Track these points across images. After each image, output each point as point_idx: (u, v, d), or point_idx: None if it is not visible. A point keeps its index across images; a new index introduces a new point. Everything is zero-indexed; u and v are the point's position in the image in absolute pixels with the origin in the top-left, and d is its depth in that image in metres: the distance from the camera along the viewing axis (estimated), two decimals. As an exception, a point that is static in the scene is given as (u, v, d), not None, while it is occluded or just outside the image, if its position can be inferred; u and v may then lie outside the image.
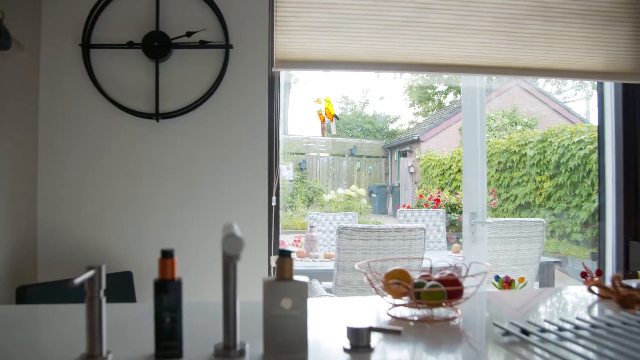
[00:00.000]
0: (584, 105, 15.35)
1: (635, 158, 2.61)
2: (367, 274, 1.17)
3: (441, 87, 19.31)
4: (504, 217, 9.06)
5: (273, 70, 2.36)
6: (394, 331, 0.95)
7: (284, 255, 0.88)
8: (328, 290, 3.57)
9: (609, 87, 2.70)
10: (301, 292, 0.87)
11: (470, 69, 2.48)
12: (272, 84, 2.39)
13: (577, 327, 1.01)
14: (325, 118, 5.26)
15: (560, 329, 1.00)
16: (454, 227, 8.29)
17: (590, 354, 0.87)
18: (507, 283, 2.33)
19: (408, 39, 2.42)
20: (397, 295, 1.15)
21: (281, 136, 2.44)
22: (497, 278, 2.35)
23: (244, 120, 2.36)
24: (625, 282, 1.36)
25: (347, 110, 20.76)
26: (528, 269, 3.64)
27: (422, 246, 3.15)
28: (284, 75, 2.50)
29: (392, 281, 1.12)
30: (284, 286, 0.87)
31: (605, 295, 1.32)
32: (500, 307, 1.36)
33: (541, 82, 14.08)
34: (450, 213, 8.43)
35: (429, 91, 19.93)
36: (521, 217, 8.66)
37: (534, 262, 3.66)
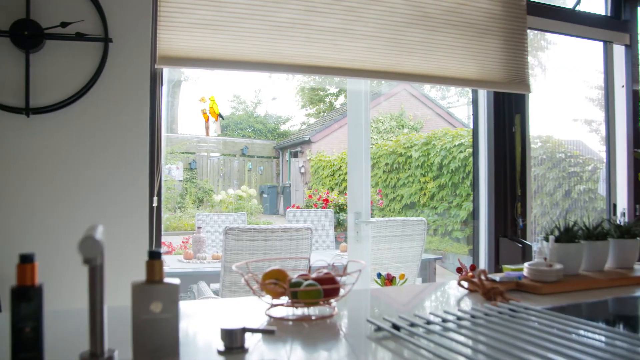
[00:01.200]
0: (466, 111, 16.28)
1: (505, 160, 2.81)
2: (244, 274, 1.16)
3: (332, 90, 19.71)
4: (391, 216, 9.41)
5: (156, 66, 2.28)
6: (268, 331, 0.95)
7: (153, 257, 0.85)
8: (216, 293, 3.52)
9: (482, 94, 2.88)
10: (172, 295, 0.84)
11: (355, 73, 2.54)
12: (155, 80, 2.32)
13: (444, 320, 1.07)
14: (210, 117, 5.19)
15: (428, 322, 1.05)
16: (342, 227, 8.48)
17: (454, 345, 0.92)
18: (388, 280, 2.41)
19: (296, 40, 2.43)
20: (275, 295, 1.15)
21: (169, 135, 2.36)
22: (379, 275, 2.43)
23: (123, 117, 2.26)
24: (491, 275, 1.46)
25: (239, 110, 20.61)
26: (410, 266, 3.80)
27: (308, 246, 3.20)
28: (171, 72, 2.43)
29: (269, 281, 1.12)
30: (154, 289, 0.84)
31: (473, 288, 1.40)
32: (379, 303, 1.41)
33: (427, 87, 14.77)
34: (338, 213, 8.61)
35: (321, 93, 20.26)
36: (407, 216, 9.02)
37: (416, 259, 3.83)
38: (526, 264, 1.47)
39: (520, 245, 2.65)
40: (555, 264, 1.45)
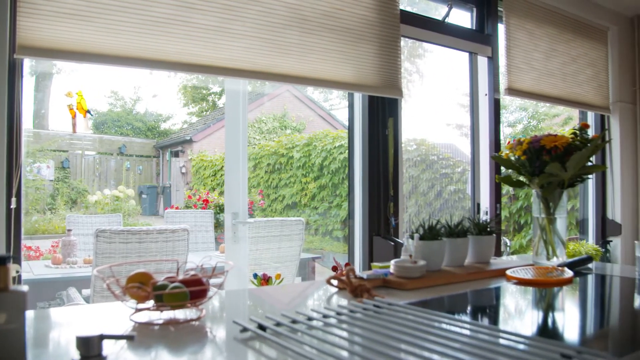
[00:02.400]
0: (347, 113, 16.68)
1: (379, 162, 2.92)
2: (104, 279, 1.11)
3: (216, 88, 19.42)
4: (273, 216, 9.44)
5: (15, 56, 2.12)
6: (127, 337, 0.91)
7: (-3, 262, 0.79)
8: (87, 299, 3.34)
9: (358, 97, 2.97)
10: (18, 304, 0.79)
11: (234, 72, 2.52)
12: (14, 71, 2.15)
13: (309, 319, 1.08)
14: (77, 113, 4.92)
15: (294, 321, 1.06)
16: (222, 228, 8.37)
17: (318, 344, 0.93)
18: (265, 280, 2.42)
19: (175, 37, 2.36)
20: (140, 299, 1.11)
21: (39, 131, 2.20)
22: (255, 276, 2.43)
23: (-24, 111, 2.07)
24: (360, 273, 1.51)
25: (117, 106, 19.70)
26: (289, 265, 3.83)
27: (185, 247, 3.12)
28: (40, 64, 2.25)
29: (131, 285, 1.08)
30: (-3, 297, 0.78)
31: (342, 286, 1.44)
32: (250, 303, 1.40)
33: (310, 89, 15.00)
34: (219, 214, 8.51)
35: (204, 91, 19.90)
36: (289, 216, 9.10)
37: (295, 258, 3.87)
38: (392, 262, 1.53)
39: (392, 243, 2.77)
40: (419, 260, 1.53)
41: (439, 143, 5.11)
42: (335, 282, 1.45)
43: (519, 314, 1.30)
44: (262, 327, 1.02)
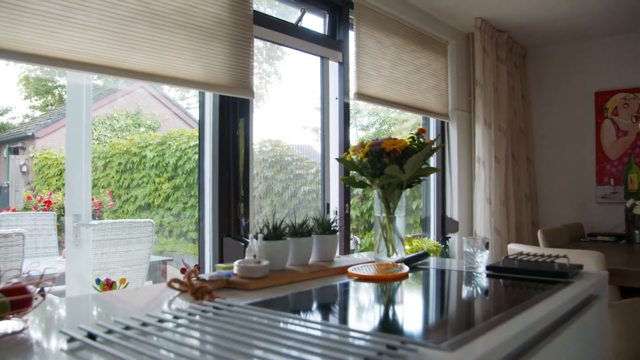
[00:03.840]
0: (204, 112, 16.36)
1: (229, 162, 2.90)
2: None
3: (63, 81, 18.13)
4: (125, 218, 9.02)
5: None
6: None
7: None
8: None
9: (209, 97, 2.93)
10: None
11: (74, 65, 2.36)
12: None
13: (144, 324, 1.05)
14: None
15: (127, 327, 1.02)
16: (66, 231, 7.84)
17: (148, 350, 0.91)
18: (108, 285, 2.30)
19: (1, 22, 2.17)
20: (-50, 311, 1.00)
21: None
22: (98, 281, 2.30)
23: None
24: (202, 275, 1.49)
25: (-57, 97, 17.65)
26: (138, 269, 3.69)
27: (20, 253, 2.88)
28: None
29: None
30: None
31: (183, 289, 1.41)
32: (87, 310, 1.33)
33: (166, 87, 14.53)
34: (63, 216, 7.96)
35: (49, 84, 18.50)
36: (141, 217, 8.74)
37: (144, 262, 3.72)
38: (236, 262, 1.53)
39: (242, 244, 2.77)
40: (263, 260, 1.54)
41: (295, 144, 5.20)
42: (176, 285, 1.42)
43: (354, 309, 1.36)
44: (91, 336, 0.97)
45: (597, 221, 5.28)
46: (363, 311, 1.33)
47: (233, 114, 2.92)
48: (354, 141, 3.94)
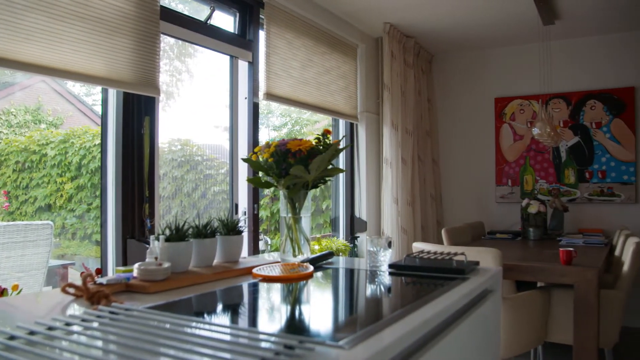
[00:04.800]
0: (111, 109, 15.74)
1: (134, 162, 2.81)
2: None
3: (-47, 74, 16.85)
4: (24, 220, 8.51)
5: None
6: None
7: None
8: None
9: (112, 94, 2.81)
10: None
11: (-40, 56, 2.20)
12: None
13: (31, 333, 0.99)
14: None
15: (12, 337, 0.96)
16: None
17: None
18: (-2, 292, 2.16)
19: None
20: None
21: None
22: (-14, 288, 2.15)
23: None
24: (99, 279, 1.43)
25: None
26: (35, 274, 3.48)
27: None
28: None
29: None
30: None
31: (78, 294, 1.35)
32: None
33: (70, 82, 13.83)
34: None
35: (-63, 76, 17.13)
36: (42, 219, 8.28)
37: (42, 266, 3.52)
38: (136, 265, 1.48)
39: (147, 245, 2.68)
40: (164, 262, 1.50)
41: (206, 144, 5.12)
42: (71, 289, 1.35)
43: (257, 310, 1.35)
44: (-31, 346, 0.90)
45: (496, 220, 5.57)
46: (266, 312, 1.33)
47: (138, 112, 2.83)
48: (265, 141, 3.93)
